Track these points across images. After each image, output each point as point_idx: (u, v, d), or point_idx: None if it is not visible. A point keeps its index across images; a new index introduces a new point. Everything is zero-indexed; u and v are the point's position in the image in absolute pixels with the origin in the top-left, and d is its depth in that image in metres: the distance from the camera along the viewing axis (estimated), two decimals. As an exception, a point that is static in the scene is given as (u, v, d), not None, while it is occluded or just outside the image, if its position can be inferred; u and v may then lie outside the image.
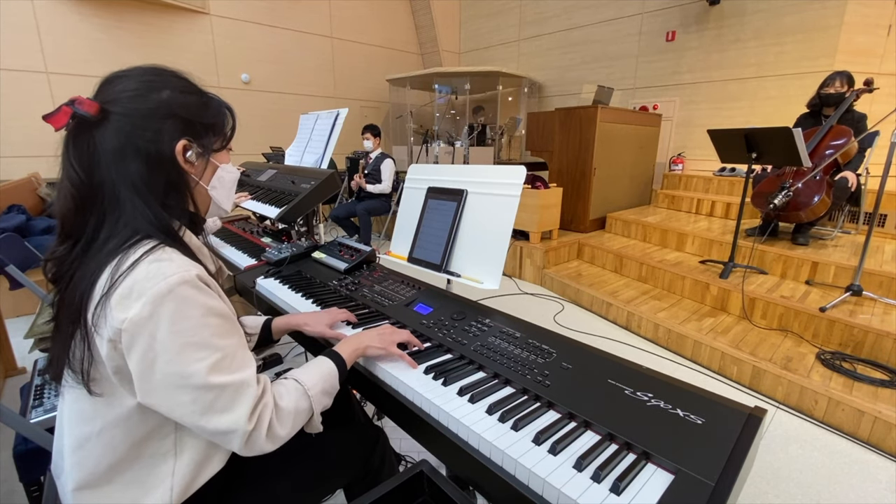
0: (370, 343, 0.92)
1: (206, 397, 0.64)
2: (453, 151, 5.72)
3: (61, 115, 0.65)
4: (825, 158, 2.80)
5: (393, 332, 0.96)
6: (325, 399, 0.81)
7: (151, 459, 0.71)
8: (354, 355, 0.90)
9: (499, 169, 1.28)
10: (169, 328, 0.62)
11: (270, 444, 0.70)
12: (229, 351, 0.68)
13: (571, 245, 4.04)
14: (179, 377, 0.63)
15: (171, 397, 0.64)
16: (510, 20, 6.90)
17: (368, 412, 1.38)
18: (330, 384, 0.82)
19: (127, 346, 0.62)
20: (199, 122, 0.75)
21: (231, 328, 0.70)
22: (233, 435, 0.66)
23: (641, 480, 0.62)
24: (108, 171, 0.67)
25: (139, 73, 0.72)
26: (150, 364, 0.62)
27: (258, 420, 0.68)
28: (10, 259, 1.66)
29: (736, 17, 4.57)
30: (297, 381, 0.78)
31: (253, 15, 5.71)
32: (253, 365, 0.72)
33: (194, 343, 0.64)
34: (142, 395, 0.64)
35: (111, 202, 0.67)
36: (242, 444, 0.67)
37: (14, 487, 1.40)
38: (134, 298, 0.61)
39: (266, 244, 1.90)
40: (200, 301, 0.65)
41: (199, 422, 0.65)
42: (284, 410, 0.73)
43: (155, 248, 0.66)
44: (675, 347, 2.64)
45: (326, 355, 0.87)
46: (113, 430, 0.69)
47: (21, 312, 3.05)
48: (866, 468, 1.73)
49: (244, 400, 0.67)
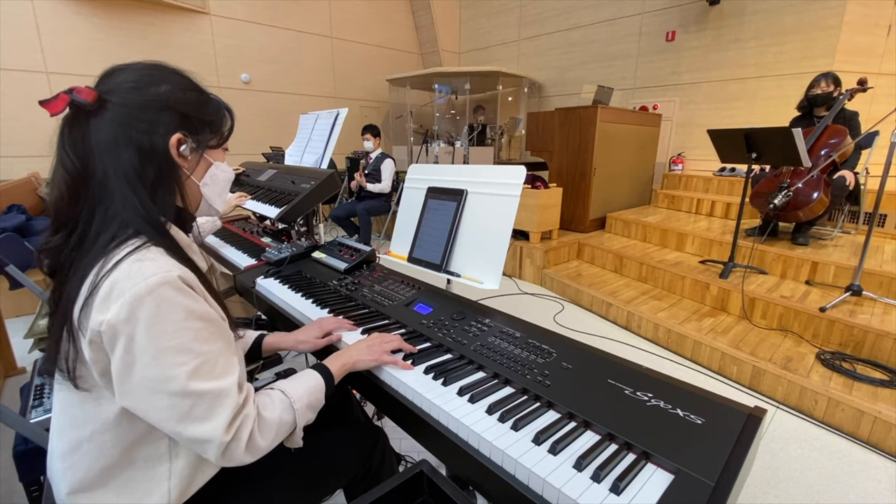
0: (359, 357, 0.91)
1: (183, 404, 0.63)
2: (453, 151, 5.72)
3: (58, 101, 0.65)
4: (822, 158, 2.81)
5: (382, 341, 0.95)
6: (309, 413, 0.79)
7: (146, 463, 0.70)
8: (343, 370, 0.89)
9: (499, 169, 1.28)
10: (147, 331, 0.61)
11: (250, 455, 0.68)
12: (211, 356, 0.66)
13: (571, 245, 4.04)
14: (157, 381, 0.62)
15: (148, 401, 0.63)
16: (510, 20, 6.90)
17: (368, 412, 1.38)
18: (316, 398, 0.81)
19: (109, 348, 0.62)
20: (196, 117, 0.75)
21: (215, 332, 0.68)
22: (208, 444, 0.64)
23: (641, 480, 0.62)
24: (101, 159, 0.66)
25: (140, 67, 0.72)
26: (128, 366, 0.61)
27: (237, 431, 0.66)
28: (10, 259, 1.67)
29: (736, 17, 4.57)
30: (283, 393, 0.77)
31: (253, 15, 5.71)
32: (236, 372, 0.69)
33: (173, 347, 0.62)
34: (119, 396, 0.64)
35: (102, 191, 0.67)
36: (219, 455, 0.65)
37: (14, 487, 1.40)
38: (113, 299, 0.60)
39: (266, 244, 1.90)
40: (182, 303, 0.64)
41: (176, 428, 0.64)
42: (268, 421, 0.71)
43: (140, 248, 0.65)
44: (675, 347, 2.64)
45: (315, 369, 0.85)
46: (103, 435, 0.68)
47: (21, 312, 3.05)
48: (866, 468, 1.73)
49: (223, 410, 0.65)
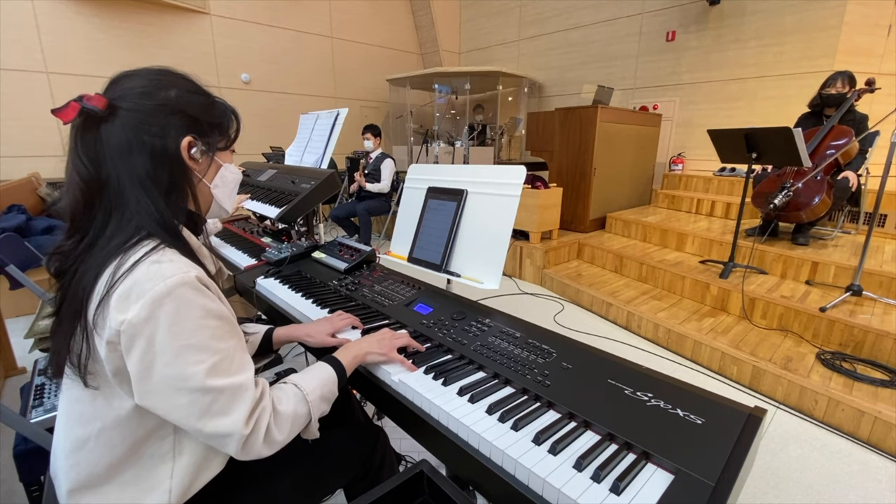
0: (370, 349, 0.92)
1: (203, 400, 0.64)
2: (453, 151, 5.72)
3: (70, 109, 0.66)
4: (826, 158, 2.80)
5: (393, 336, 0.96)
6: (323, 405, 0.80)
7: (150, 461, 0.71)
8: (355, 362, 0.90)
9: (499, 169, 1.28)
10: (167, 330, 0.62)
11: (267, 448, 0.70)
12: (227, 353, 0.68)
13: (571, 245, 4.04)
14: (177, 379, 0.63)
15: (169, 399, 0.64)
16: (510, 20, 6.90)
17: (368, 412, 1.38)
18: (329, 390, 0.82)
19: (126, 348, 0.62)
20: (205, 120, 0.76)
21: (230, 330, 0.70)
22: (229, 438, 0.66)
23: (641, 480, 0.62)
24: (115, 165, 0.67)
25: (148, 72, 0.73)
26: (148, 366, 0.62)
27: (255, 424, 0.68)
28: (10, 259, 1.67)
29: (736, 17, 4.57)
30: (296, 386, 0.78)
31: (253, 15, 5.71)
32: (251, 368, 0.71)
33: (192, 345, 0.64)
34: (139, 396, 0.65)
35: (117, 197, 0.68)
36: (239, 448, 0.67)
37: (14, 487, 1.40)
38: (133, 300, 0.61)
39: (266, 244, 1.90)
40: (199, 303, 0.65)
41: (197, 424, 0.65)
42: (283, 415, 0.72)
43: (156, 249, 0.66)
44: (675, 347, 2.64)
45: (327, 361, 0.87)
46: (112, 432, 0.69)
47: (21, 312, 3.05)
48: (866, 468, 1.73)
49: (242, 403, 0.67)
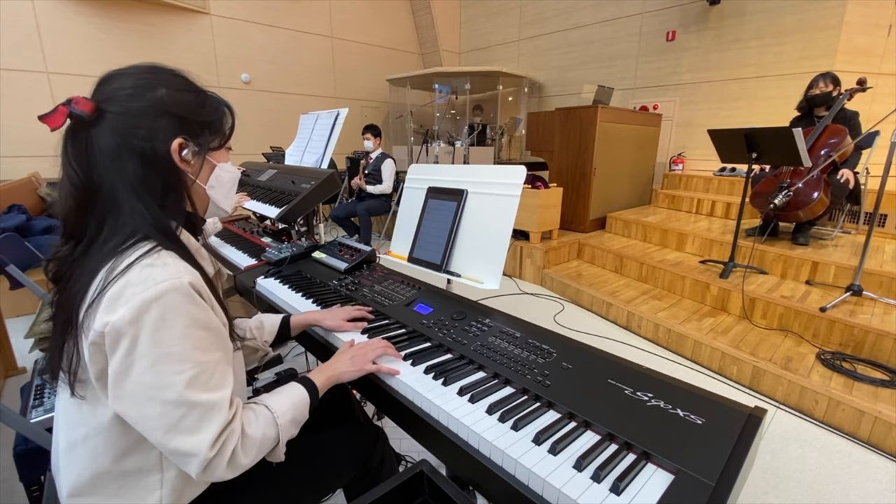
0: (344, 370, 0.89)
1: (173, 414, 0.62)
2: (453, 151, 5.72)
3: (58, 115, 0.64)
4: (822, 158, 2.80)
5: (367, 350, 0.93)
6: (292, 429, 0.78)
7: (137, 474, 0.69)
8: (328, 383, 0.88)
9: (499, 169, 1.28)
10: (150, 336, 0.60)
11: (230, 472, 0.66)
12: (209, 367, 0.65)
13: (571, 245, 4.04)
14: (151, 388, 0.61)
15: (139, 407, 0.62)
16: (510, 20, 6.90)
17: (368, 412, 1.38)
18: (300, 413, 0.79)
19: (109, 350, 0.61)
20: (195, 119, 0.74)
21: (215, 342, 0.68)
22: (192, 458, 0.63)
23: (641, 480, 0.62)
24: (106, 170, 0.66)
25: (136, 71, 0.72)
26: (125, 369, 0.61)
27: (222, 447, 0.65)
28: (10, 259, 1.66)
29: (736, 17, 4.57)
30: (267, 408, 0.75)
31: (253, 15, 5.71)
32: (230, 385, 0.69)
33: (174, 354, 0.62)
34: (112, 399, 0.63)
35: (110, 203, 0.67)
36: (200, 470, 0.64)
37: (14, 487, 1.40)
38: (122, 302, 0.60)
39: (266, 244, 1.90)
40: (187, 311, 0.64)
41: (162, 438, 0.63)
42: (251, 438, 0.69)
43: (151, 252, 0.65)
44: (675, 347, 2.63)
45: (300, 382, 0.84)
46: (96, 439, 0.68)
47: (21, 312, 3.05)
48: (866, 468, 1.73)
49: (211, 424, 0.64)
